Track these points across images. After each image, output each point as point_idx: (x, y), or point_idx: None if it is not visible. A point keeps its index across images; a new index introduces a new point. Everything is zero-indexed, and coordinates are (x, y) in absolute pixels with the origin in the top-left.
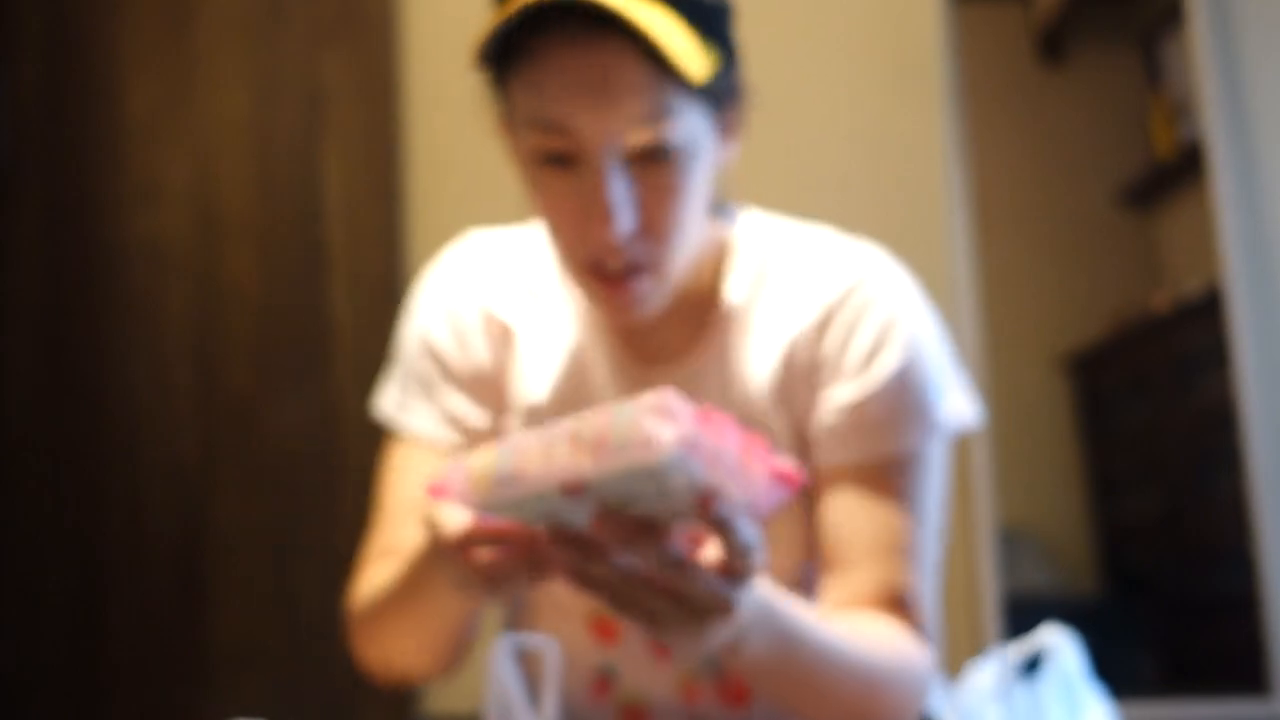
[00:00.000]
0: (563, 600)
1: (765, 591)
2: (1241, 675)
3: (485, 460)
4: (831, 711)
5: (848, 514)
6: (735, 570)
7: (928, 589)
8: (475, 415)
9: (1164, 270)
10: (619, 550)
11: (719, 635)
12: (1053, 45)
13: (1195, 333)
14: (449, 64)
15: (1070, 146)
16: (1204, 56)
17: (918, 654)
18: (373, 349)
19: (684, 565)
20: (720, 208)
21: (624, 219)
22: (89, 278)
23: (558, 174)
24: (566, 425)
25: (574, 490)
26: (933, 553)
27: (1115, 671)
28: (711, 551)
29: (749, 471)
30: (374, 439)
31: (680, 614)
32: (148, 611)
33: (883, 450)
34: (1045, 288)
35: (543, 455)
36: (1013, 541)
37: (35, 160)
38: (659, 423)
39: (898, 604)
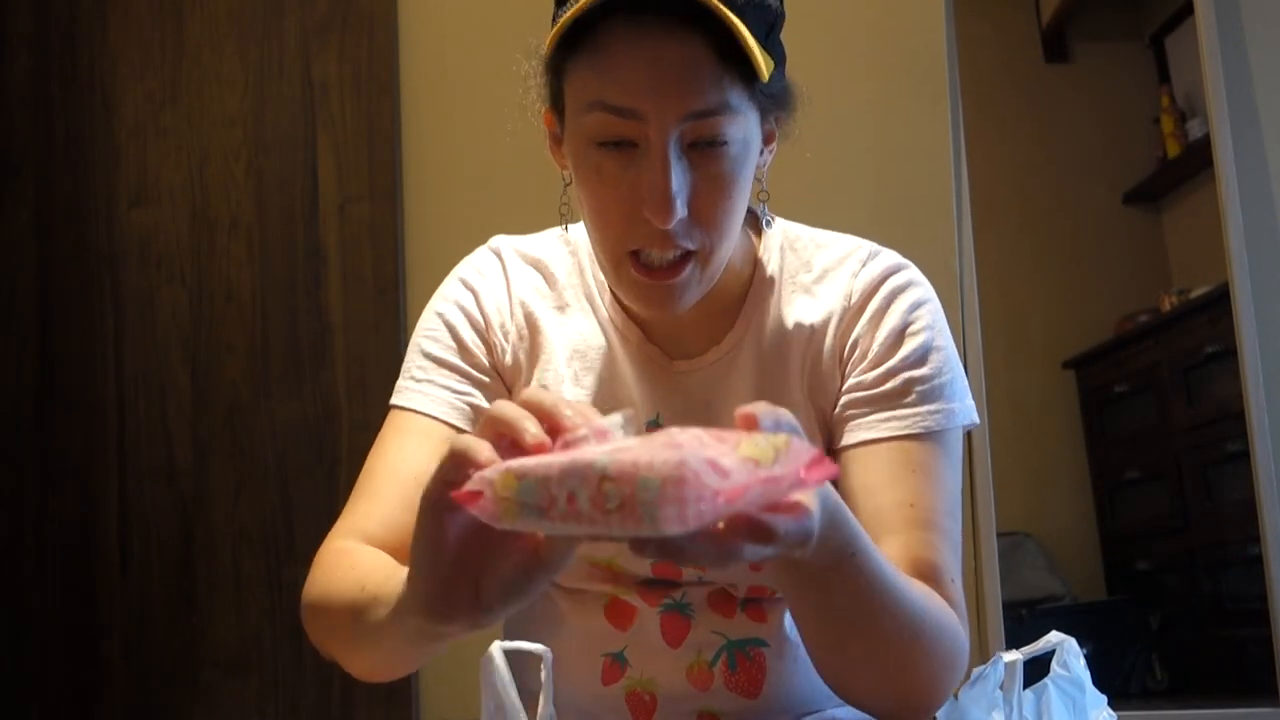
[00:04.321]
0: (580, 585)
1: (829, 492)
2: (1252, 680)
3: (508, 484)
4: (878, 654)
5: (875, 489)
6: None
7: (957, 570)
8: (482, 400)
9: (1169, 269)
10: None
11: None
12: (1058, 45)
13: (1201, 332)
14: (444, 61)
15: (1076, 145)
16: (1211, 55)
17: (957, 623)
18: (368, 348)
19: (738, 552)
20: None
21: (680, 205)
22: (81, 276)
23: (615, 158)
24: (589, 464)
25: (599, 538)
26: (958, 536)
27: (1123, 676)
28: None
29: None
30: (369, 438)
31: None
32: (142, 614)
33: (908, 428)
34: (1050, 288)
35: (566, 498)
36: (1017, 544)
37: (27, 158)
38: (678, 508)
39: (930, 577)
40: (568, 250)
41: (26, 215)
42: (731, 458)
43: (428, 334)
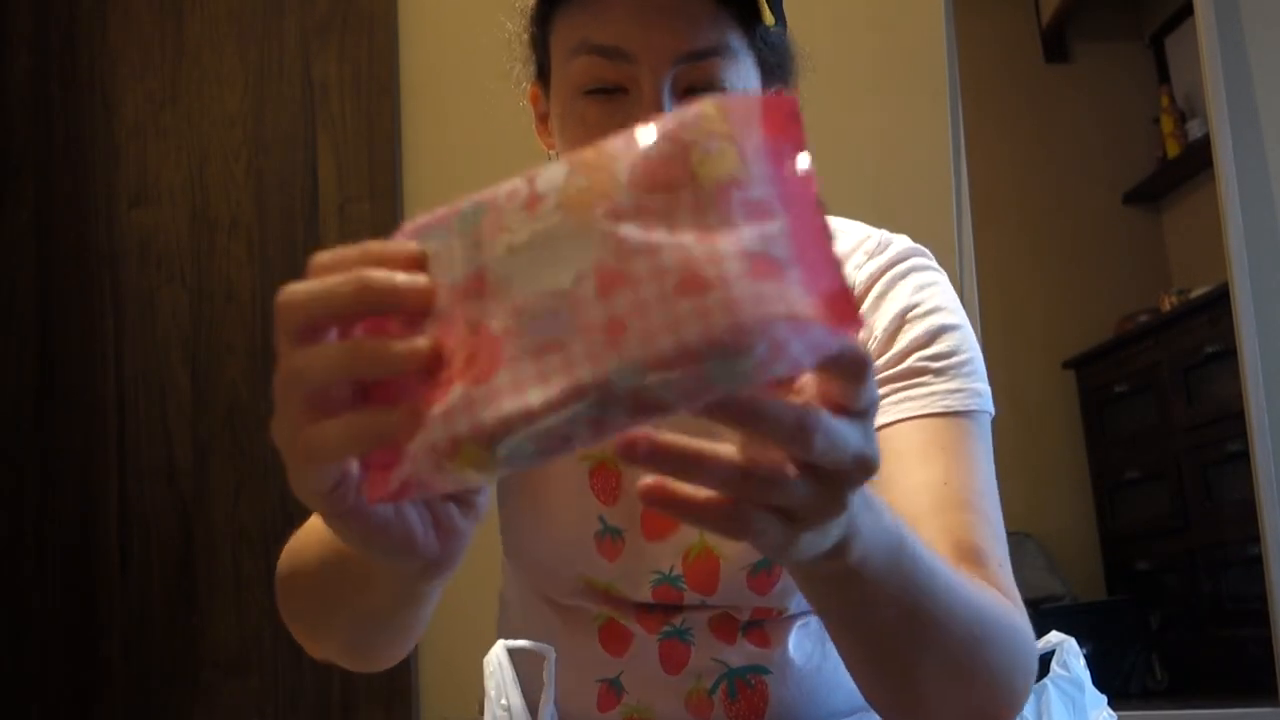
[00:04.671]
0: (574, 607)
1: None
2: (1252, 680)
3: (478, 456)
4: (952, 667)
5: (902, 471)
6: (860, 408)
7: (1005, 556)
8: None
9: (1169, 269)
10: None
11: (849, 516)
12: (1058, 45)
13: (1201, 332)
14: (444, 61)
15: (1076, 145)
16: (1211, 55)
17: (1019, 617)
18: None
19: (817, 422)
20: None
21: None
22: (81, 276)
23: (602, 106)
24: (605, 384)
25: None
26: (1000, 522)
27: (1123, 676)
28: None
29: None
30: None
31: (819, 492)
32: (142, 614)
33: (926, 408)
34: (1050, 287)
35: (590, 424)
36: (1017, 544)
37: (27, 158)
38: (788, 362)
39: (975, 562)
40: None
41: (26, 215)
42: (728, 229)
43: None
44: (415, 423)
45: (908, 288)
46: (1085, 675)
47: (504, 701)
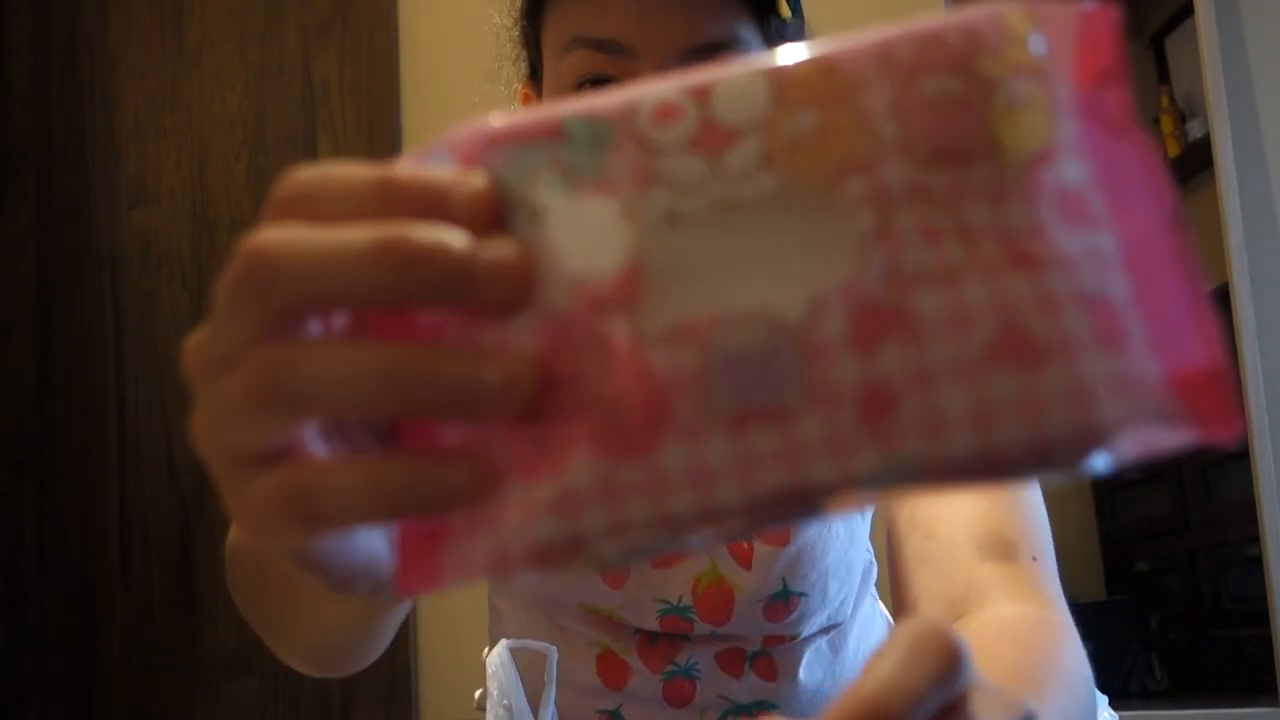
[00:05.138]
0: (569, 624)
1: None
2: (1252, 680)
3: (608, 549)
4: None
5: None
6: None
7: (1040, 545)
8: None
9: None
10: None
11: None
12: None
13: None
14: (444, 61)
15: None
16: (1211, 55)
17: (1073, 643)
18: None
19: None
20: None
21: None
22: (81, 276)
23: None
24: (903, 463)
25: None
26: (1037, 506)
27: (1122, 676)
28: None
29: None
30: None
31: None
32: (142, 614)
33: None
34: None
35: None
36: None
37: (27, 158)
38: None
39: (1007, 556)
40: None
41: (26, 215)
42: (1043, 242)
43: None
44: (494, 487)
45: None
46: None
47: (506, 702)
